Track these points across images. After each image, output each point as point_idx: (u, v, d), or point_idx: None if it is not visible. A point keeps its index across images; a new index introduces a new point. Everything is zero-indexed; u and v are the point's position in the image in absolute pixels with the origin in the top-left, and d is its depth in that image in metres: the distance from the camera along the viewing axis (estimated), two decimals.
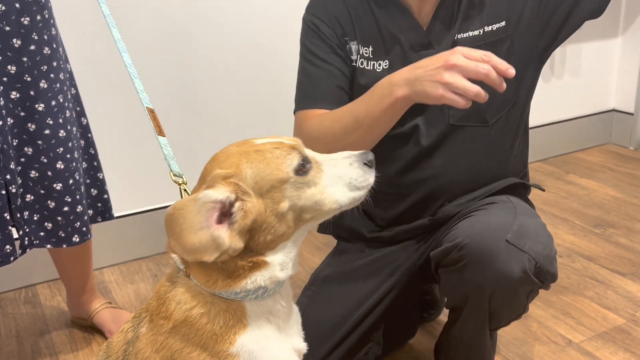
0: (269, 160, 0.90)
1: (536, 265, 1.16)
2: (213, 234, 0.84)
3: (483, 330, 1.30)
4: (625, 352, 1.66)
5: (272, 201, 0.89)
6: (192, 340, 0.90)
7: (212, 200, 0.84)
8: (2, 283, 2.06)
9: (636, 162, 2.94)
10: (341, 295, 1.43)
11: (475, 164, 1.37)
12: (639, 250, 2.17)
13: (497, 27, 1.30)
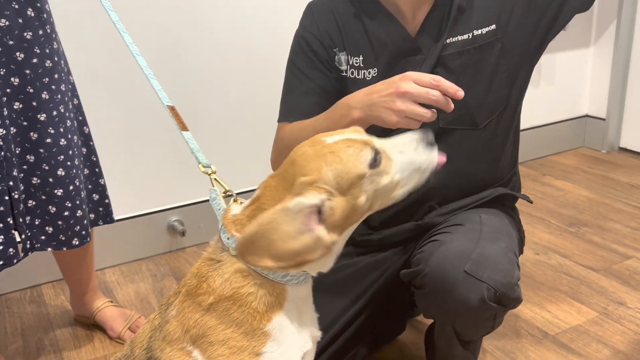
0: (345, 160, 0.91)
1: (496, 294, 1.12)
2: (318, 235, 0.87)
3: (451, 344, 1.28)
4: (598, 344, 1.67)
5: (352, 196, 0.92)
6: (231, 317, 0.91)
7: (308, 206, 0.86)
8: (8, 283, 2.06)
9: (608, 165, 2.95)
10: (330, 299, 1.42)
11: (464, 167, 1.35)
12: (611, 247, 2.18)
13: (486, 30, 1.28)
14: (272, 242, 0.86)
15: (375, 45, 1.31)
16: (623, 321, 1.76)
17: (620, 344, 1.66)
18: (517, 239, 1.35)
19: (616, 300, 1.86)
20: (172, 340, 0.93)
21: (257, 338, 0.91)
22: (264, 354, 0.91)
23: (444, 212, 1.35)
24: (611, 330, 1.72)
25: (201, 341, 0.91)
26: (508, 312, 1.78)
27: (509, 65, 1.31)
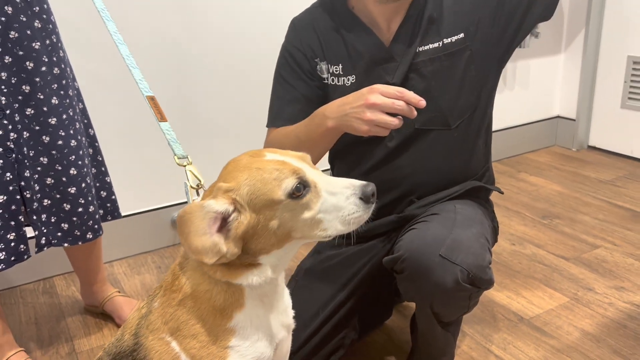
0: (266, 180, 0.85)
1: (469, 275, 1.13)
2: (214, 240, 0.84)
3: (432, 325, 1.29)
4: (569, 327, 1.67)
5: (265, 217, 0.86)
6: (197, 313, 0.91)
7: (214, 211, 0.83)
8: (22, 276, 2.05)
9: (578, 162, 2.96)
10: (320, 286, 1.43)
11: (440, 164, 1.36)
12: (581, 238, 2.18)
13: (456, 38, 1.29)
14: (188, 232, 0.83)
15: (353, 54, 1.32)
16: (592, 305, 1.76)
17: (589, 326, 1.67)
18: (490, 227, 1.36)
19: (585, 287, 1.86)
20: (154, 329, 0.93)
21: (222, 334, 0.90)
22: (232, 348, 0.90)
23: (423, 204, 1.35)
24: (581, 314, 1.72)
25: (177, 334, 0.91)
26: (488, 300, 1.80)
27: (478, 71, 1.32)
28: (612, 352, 1.56)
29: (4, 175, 1.34)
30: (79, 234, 1.47)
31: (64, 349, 1.69)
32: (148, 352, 0.92)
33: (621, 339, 1.60)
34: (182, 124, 2.14)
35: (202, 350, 0.90)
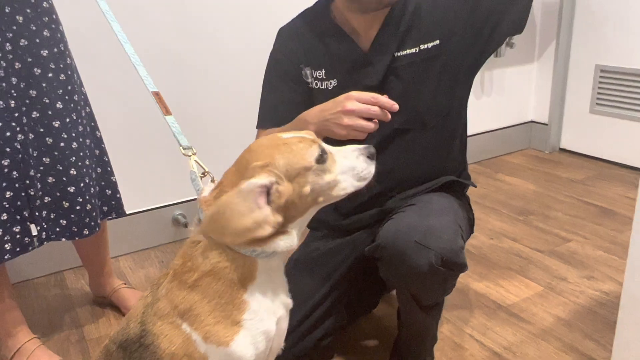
0: (295, 151, 0.90)
1: (442, 259, 1.13)
2: (266, 213, 0.86)
3: (412, 309, 1.28)
4: (544, 313, 1.68)
5: (299, 184, 0.90)
6: (213, 289, 0.90)
7: (259, 186, 0.85)
8: (34, 270, 2.04)
9: (550, 163, 2.98)
10: (308, 274, 1.43)
11: (418, 162, 1.36)
12: (554, 232, 2.20)
13: (431, 45, 1.29)
14: (228, 220, 0.85)
15: (334, 60, 1.32)
16: (564, 294, 1.78)
17: (562, 312, 1.68)
18: (465, 218, 1.36)
19: (559, 277, 1.87)
20: (163, 315, 0.92)
21: (237, 307, 0.91)
22: (244, 321, 0.91)
23: (402, 197, 1.36)
24: (555, 302, 1.73)
25: (188, 315, 0.90)
26: (469, 289, 1.81)
27: (451, 76, 1.32)
28: (584, 336, 1.57)
29: (10, 173, 1.34)
30: (76, 230, 1.47)
31: (74, 337, 1.68)
32: (156, 337, 0.91)
33: (591, 324, 1.62)
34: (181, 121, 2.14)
35: (217, 326, 0.90)
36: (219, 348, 0.90)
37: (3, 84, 1.30)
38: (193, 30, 2.11)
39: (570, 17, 2.89)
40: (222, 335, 0.89)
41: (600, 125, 2.91)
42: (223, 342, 0.90)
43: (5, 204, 1.34)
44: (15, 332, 1.51)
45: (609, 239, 2.11)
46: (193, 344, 0.90)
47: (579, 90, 2.96)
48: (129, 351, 0.95)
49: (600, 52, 2.82)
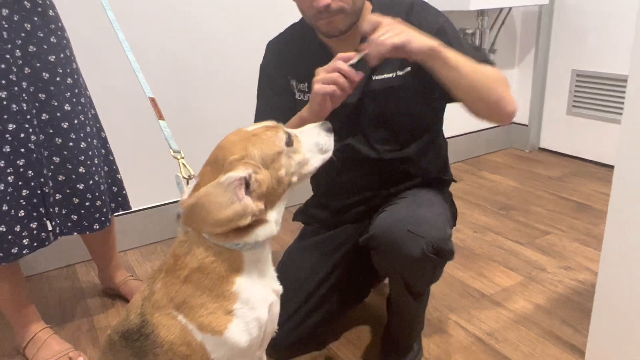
0: (266, 140, 0.91)
1: (433, 246, 1.13)
2: (246, 203, 0.85)
3: (403, 294, 1.28)
4: (524, 301, 1.69)
5: (275, 170, 0.91)
6: (203, 284, 0.90)
7: (238, 179, 0.85)
8: (47, 263, 2.04)
9: (530, 162, 2.99)
10: (302, 265, 1.44)
11: (397, 168, 1.36)
12: (533, 226, 2.21)
13: (405, 71, 1.27)
14: (209, 212, 0.84)
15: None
16: (544, 283, 1.79)
17: (542, 300, 1.69)
18: (449, 211, 1.36)
19: (538, 267, 1.89)
20: (160, 307, 0.92)
21: (227, 298, 0.91)
22: (235, 310, 0.91)
23: (386, 195, 1.37)
24: (534, 291, 1.74)
25: (183, 307, 0.90)
26: (455, 279, 1.82)
27: (422, 100, 1.30)
28: (561, 322, 1.58)
29: (26, 172, 1.34)
30: (87, 224, 1.47)
31: (84, 326, 1.68)
32: (155, 327, 0.92)
33: (569, 311, 1.63)
34: (179, 123, 2.13)
35: (210, 317, 0.90)
36: (214, 337, 0.90)
37: (15, 88, 1.29)
38: (193, 31, 2.11)
39: (549, 26, 2.91)
40: (216, 325, 0.90)
41: (577, 126, 2.92)
42: (217, 331, 0.90)
43: (22, 201, 1.34)
44: (29, 323, 1.51)
45: (584, 232, 2.13)
46: (190, 333, 0.90)
47: (557, 93, 2.98)
48: (130, 340, 0.95)
49: (577, 58, 2.83)
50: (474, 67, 1.12)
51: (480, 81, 1.13)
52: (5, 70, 1.27)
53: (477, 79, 1.12)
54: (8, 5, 1.26)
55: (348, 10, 1.19)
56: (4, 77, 1.27)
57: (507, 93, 1.17)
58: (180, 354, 0.91)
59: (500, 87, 1.16)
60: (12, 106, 1.30)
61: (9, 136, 1.30)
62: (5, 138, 1.30)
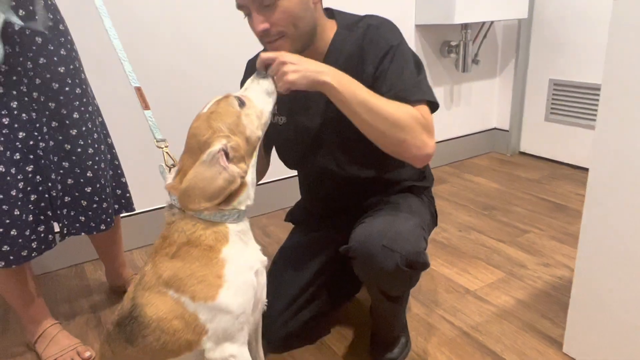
0: (222, 111, 0.94)
1: (407, 260, 1.10)
2: (232, 170, 0.89)
3: (381, 300, 1.25)
4: (506, 296, 1.68)
5: (241, 133, 0.93)
6: (192, 255, 0.90)
7: (217, 151, 0.88)
8: (57, 262, 2.01)
9: (511, 165, 2.99)
10: (293, 261, 1.42)
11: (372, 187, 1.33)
12: (515, 225, 2.20)
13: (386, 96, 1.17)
14: (202, 188, 0.87)
15: (284, 99, 1.23)
16: (524, 279, 1.78)
17: (522, 295, 1.68)
18: (427, 215, 1.32)
19: (519, 264, 1.88)
20: (150, 287, 0.91)
21: (216, 265, 0.91)
22: (225, 275, 0.91)
23: (367, 204, 1.34)
24: (515, 286, 1.73)
25: (173, 281, 0.89)
26: (441, 275, 1.81)
27: None
28: (541, 315, 1.57)
29: (34, 177, 1.33)
30: (94, 225, 1.45)
31: (92, 322, 1.65)
32: (142, 307, 0.90)
33: (547, 305, 1.62)
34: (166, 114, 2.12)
35: (201, 285, 0.89)
36: (207, 303, 0.89)
37: (25, 98, 1.28)
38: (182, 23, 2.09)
39: (527, 38, 2.90)
40: (208, 291, 0.89)
41: (554, 131, 2.92)
42: (210, 297, 0.88)
43: (30, 206, 1.32)
44: (39, 319, 1.49)
45: (561, 231, 2.12)
46: (182, 306, 0.89)
47: (535, 101, 2.97)
48: (122, 326, 0.94)
49: (553, 68, 2.83)
50: (375, 107, 1.02)
51: (376, 122, 1.02)
52: (16, 82, 1.26)
53: (372, 120, 1.02)
54: (20, 21, 1.25)
55: (290, 35, 1.11)
56: (15, 88, 1.26)
57: (412, 137, 1.04)
58: (170, 331, 0.89)
59: (402, 132, 1.04)
60: (23, 115, 1.28)
61: (19, 144, 1.29)
62: (16, 146, 1.29)
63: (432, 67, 2.80)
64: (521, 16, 2.68)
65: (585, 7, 2.61)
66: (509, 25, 2.97)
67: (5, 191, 1.26)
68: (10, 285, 1.41)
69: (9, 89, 1.26)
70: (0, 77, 1.24)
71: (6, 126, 1.26)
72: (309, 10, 1.12)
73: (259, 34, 1.10)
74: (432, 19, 2.53)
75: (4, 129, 1.26)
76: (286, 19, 1.08)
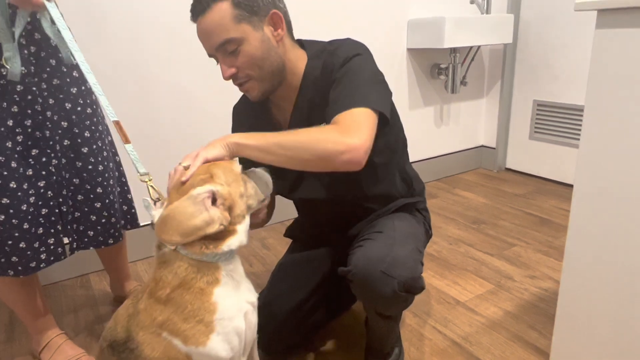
0: (225, 166, 0.93)
1: (404, 285, 1.08)
2: (214, 212, 0.85)
3: (376, 318, 1.23)
4: (495, 307, 1.67)
5: (235, 189, 0.92)
6: (185, 299, 0.87)
7: (207, 191, 0.85)
8: (63, 273, 1.99)
9: (498, 180, 2.99)
10: (293, 276, 1.40)
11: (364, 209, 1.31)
12: (502, 238, 2.19)
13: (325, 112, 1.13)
14: (179, 221, 0.83)
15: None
16: (512, 290, 1.77)
17: (510, 307, 1.67)
18: (422, 233, 1.29)
19: (506, 276, 1.87)
20: (144, 326, 0.89)
21: (207, 310, 0.88)
22: (215, 321, 0.88)
23: (364, 222, 1.31)
24: (503, 298, 1.72)
25: (167, 325, 0.87)
26: (432, 287, 1.79)
27: None
28: (528, 326, 1.56)
29: (46, 192, 1.32)
30: (102, 239, 1.44)
31: (96, 332, 1.62)
32: (140, 344, 0.88)
33: (534, 316, 1.61)
34: (146, 144, 2.10)
35: (192, 330, 0.87)
36: (198, 349, 0.87)
37: (40, 116, 1.28)
38: (166, 51, 2.09)
39: (512, 61, 2.93)
40: (199, 337, 0.87)
41: (538, 149, 2.93)
42: (200, 343, 0.87)
43: (41, 219, 1.31)
44: (45, 329, 1.46)
45: (547, 244, 2.11)
46: (175, 348, 0.87)
47: (520, 120, 2.99)
48: (117, 351, 0.92)
49: (537, 90, 2.85)
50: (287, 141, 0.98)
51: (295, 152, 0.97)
52: (31, 101, 1.26)
53: (292, 153, 0.98)
54: (36, 43, 1.25)
55: (256, 77, 1.10)
56: (30, 107, 1.26)
57: (332, 145, 0.97)
58: None
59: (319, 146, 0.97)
60: (36, 133, 1.28)
61: (32, 160, 1.28)
62: (29, 162, 1.28)
63: (422, 88, 2.82)
64: (506, 41, 2.70)
65: (567, 34, 2.64)
66: (495, 49, 3.00)
67: (16, 206, 1.25)
68: (19, 297, 1.39)
69: (24, 108, 1.25)
70: (16, 96, 1.24)
71: (20, 143, 1.26)
72: (272, 49, 1.10)
73: (227, 78, 1.10)
74: (423, 43, 2.55)
75: (17, 146, 1.25)
76: (249, 62, 1.08)
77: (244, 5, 1.04)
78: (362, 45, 1.16)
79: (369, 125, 1.01)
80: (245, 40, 1.06)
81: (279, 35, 1.11)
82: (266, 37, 1.08)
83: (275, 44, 1.10)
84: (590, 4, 1.02)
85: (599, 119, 1.08)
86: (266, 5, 1.07)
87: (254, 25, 1.06)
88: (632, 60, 1.00)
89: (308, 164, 0.98)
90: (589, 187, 1.14)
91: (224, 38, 1.05)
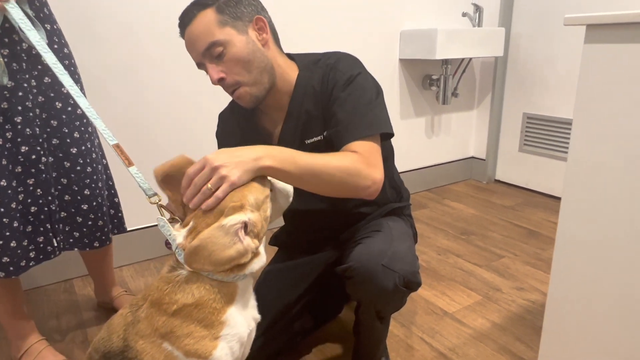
0: (257, 187, 0.91)
1: (404, 279, 1.10)
2: (247, 243, 0.84)
3: (373, 320, 1.24)
4: (482, 319, 1.67)
5: (264, 211, 0.91)
6: (194, 317, 0.85)
7: (241, 222, 0.84)
8: (46, 277, 1.95)
9: (488, 192, 3.01)
10: (279, 284, 1.39)
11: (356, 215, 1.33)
12: (490, 250, 2.20)
13: (332, 130, 1.14)
14: (212, 252, 0.81)
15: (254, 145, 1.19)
16: (499, 302, 1.77)
17: (498, 318, 1.67)
18: (412, 236, 1.33)
19: (494, 288, 1.87)
20: (144, 335, 0.86)
21: (216, 326, 0.87)
22: (222, 337, 0.87)
23: (352, 231, 1.32)
24: (491, 309, 1.72)
25: (169, 336, 0.85)
26: (420, 298, 1.79)
27: None
28: (515, 338, 1.56)
29: (35, 190, 1.30)
30: (88, 241, 1.42)
31: (79, 338, 1.60)
32: (139, 354, 0.86)
33: (522, 328, 1.61)
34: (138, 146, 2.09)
35: (197, 345, 0.85)
36: None
37: (30, 113, 1.27)
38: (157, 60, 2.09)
39: (503, 75, 2.96)
40: (203, 351, 0.85)
41: (527, 161, 2.95)
42: (203, 357, 0.85)
43: (30, 217, 1.30)
44: (26, 334, 1.43)
45: (534, 256, 2.12)
46: (175, 359, 0.85)
47: (510, 133, 3.02)
48: None
49: (527, 103, 2.88)
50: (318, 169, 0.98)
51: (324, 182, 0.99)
52: (22, 97, 1.25)
53: (320, 181, 0.99)
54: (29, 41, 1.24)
55: (246, 82, 1.10)
56: (20, 103, 1.25)
57: (362, 179, 1.02)
58: None
59: (351, 180, 1.01)
60: (26, 130, 1.27)
61: (21, 157, 1.27)
62: (18, 159, 1.27)
63: (414, 99, 2.84)
64: (497, 54, 2.73)
65: (557, 48, 2.68)
66: (486, 62, 3.03)
67: (6, 204, 1.24)
68: (2, 299, 1.36)
69: (14, 105, 1.24)
70: (6, 92, 1.22)
71: (9, 140, 1.25)
72: (257, 51, 1.11)
73: (216, 83, 1.10)
74: (415, 54, 2.57)
75: (7, 143, 1.24)
76: (236, 64, 1.08)
77: (228, 11, 1.07)
78: (357, 59, 1.19)
79: (381, 154, 1.09)
80: (229, 43, 1.07)
81: (264, 39, 1.13)
82: (251, 40, 1.10)
83: (260, 47, 1.12)
84: (579, 20, 1.03)
85: (587, 133, 1.10)
86: (250, 12, 1.11)
87: (238, 29, 1.09)
88: (620, 75, 1.01)
89: (333, 193, 1.03)
90: (577, 199, 1.15)
91: (209, 41, 1.06)
